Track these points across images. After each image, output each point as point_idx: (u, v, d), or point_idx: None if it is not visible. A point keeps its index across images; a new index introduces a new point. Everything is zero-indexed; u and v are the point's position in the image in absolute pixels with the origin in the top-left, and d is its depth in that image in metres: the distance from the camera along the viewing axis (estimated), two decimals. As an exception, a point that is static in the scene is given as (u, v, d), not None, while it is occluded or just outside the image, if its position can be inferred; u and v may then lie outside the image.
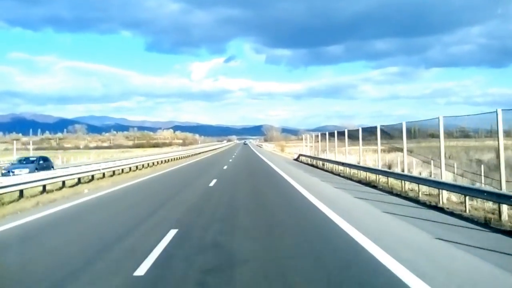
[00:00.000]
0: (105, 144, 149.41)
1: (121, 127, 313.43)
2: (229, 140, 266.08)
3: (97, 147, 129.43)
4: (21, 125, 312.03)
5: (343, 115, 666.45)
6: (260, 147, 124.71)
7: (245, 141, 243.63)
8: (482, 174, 14.80)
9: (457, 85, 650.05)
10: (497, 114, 9.20)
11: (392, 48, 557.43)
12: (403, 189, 14.22)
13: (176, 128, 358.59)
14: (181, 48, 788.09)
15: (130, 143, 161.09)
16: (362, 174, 19.44)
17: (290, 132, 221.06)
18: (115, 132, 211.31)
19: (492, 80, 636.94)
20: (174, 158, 41.17)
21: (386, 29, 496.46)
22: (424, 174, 16.94)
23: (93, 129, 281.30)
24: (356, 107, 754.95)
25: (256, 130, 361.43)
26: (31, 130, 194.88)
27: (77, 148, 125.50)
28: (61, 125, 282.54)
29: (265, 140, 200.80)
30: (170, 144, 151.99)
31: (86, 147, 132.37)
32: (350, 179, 19.67)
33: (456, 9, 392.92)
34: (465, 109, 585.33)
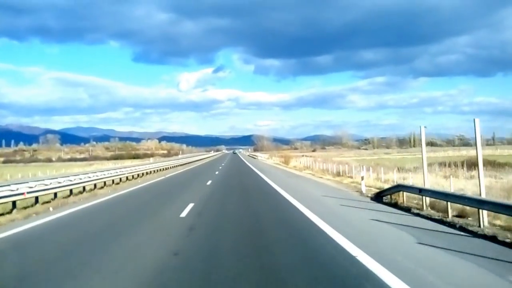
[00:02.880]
0: (81, 156, 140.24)
1: (109, 138, 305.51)
2: (217, 150, 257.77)
3: (71, 159, 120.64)
4: (6, 137, 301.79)
5: (331, 125, 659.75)
6: (254, 158, 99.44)
7: (234, 151, 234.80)
8: None
9: (444, 95, 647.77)
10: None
11: (380, 58, 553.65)
12: None
13: (165, 138, 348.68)
14: (169, 59, 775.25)
15: (110, 154, 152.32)
16: None
17: (280, 142, 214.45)
18: (94, 142, 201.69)
19: (478, 89, 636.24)
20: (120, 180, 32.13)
21: (375, 39, 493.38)
22: None
23: (81, 141, 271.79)
24: (344, 116, 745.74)
25: (245, 140, 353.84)
26: (3, 141, 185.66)
27: (49, 160, 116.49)
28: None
29: (255, 150, 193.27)
30: (151, 155, 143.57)
31: (59, 159, 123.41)
32: None
33: (443, 20, 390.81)
34: (452, 118, 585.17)
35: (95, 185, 24.37)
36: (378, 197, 16.29)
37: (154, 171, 42.83)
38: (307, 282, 5.84)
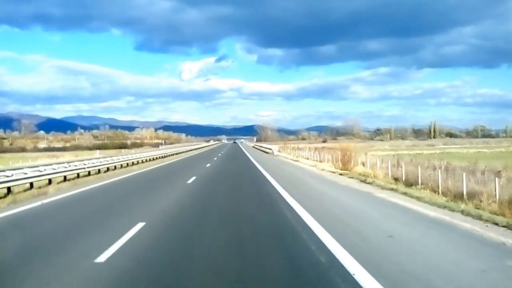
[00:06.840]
0: (63, 145, 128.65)
1: (110, 127, 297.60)
2: (217, 140, 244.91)
3: (48, 149, 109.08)
4: (7, 125, 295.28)
5: (333, 116, 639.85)
6: (267, 152, 66.89)
7: (234, 140, 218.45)
8: None
9: (448, 86, 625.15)
10: None
11: (384, 48, 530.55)
12: None
13: (166, 128, 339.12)
14: (171, 47, 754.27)
15: (98, 142, 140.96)
16: None
17: (283, 132, 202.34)
18: (82, 130, 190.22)
19: (482, 80, 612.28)
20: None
21: (380, 29, 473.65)
22: None
23: (82, 129, 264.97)
24: (347, 107, 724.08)
25: (247, 130, 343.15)
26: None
27: (23, 150, 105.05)
28: (49, 125, 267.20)
29: (258, 140, 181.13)
30: (141, 145, 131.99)
31: (35, 149, 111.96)
32: None
33: (449, 9, 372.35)
34: (455, 110, 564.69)
35: None
36: None
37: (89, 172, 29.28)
38: None
